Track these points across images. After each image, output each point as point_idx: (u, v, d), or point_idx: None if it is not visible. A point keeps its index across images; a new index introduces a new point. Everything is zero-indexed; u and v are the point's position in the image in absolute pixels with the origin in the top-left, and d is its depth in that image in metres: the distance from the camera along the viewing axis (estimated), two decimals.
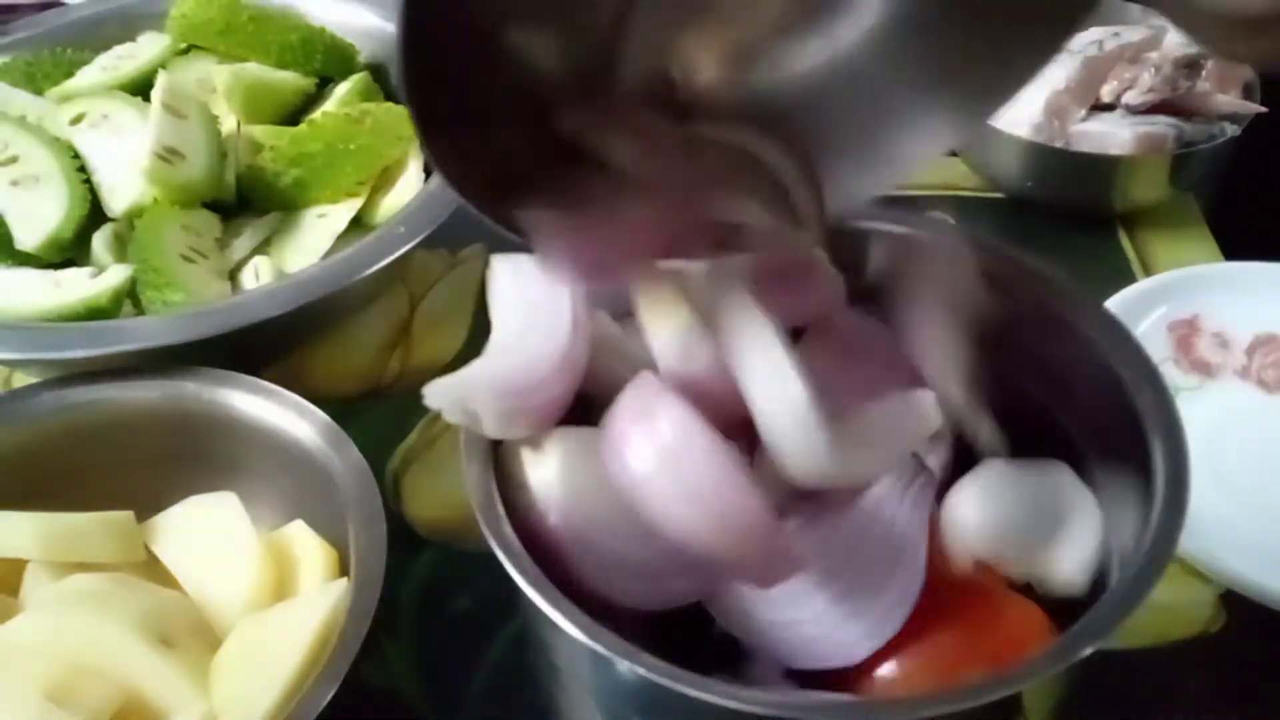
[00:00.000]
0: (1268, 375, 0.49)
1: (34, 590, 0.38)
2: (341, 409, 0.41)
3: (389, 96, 0.59)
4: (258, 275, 0.50)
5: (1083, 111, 0.57)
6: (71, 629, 0.35)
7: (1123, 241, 0.58)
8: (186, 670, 0.35)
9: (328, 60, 0.58)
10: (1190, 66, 0.56)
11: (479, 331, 0.54)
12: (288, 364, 0.50)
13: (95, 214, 0.51)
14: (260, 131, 0.55)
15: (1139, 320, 0.50)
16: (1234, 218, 0.59)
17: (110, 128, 0.53)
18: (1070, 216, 0.59)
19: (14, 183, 0.50)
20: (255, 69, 0.57)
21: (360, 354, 0.53)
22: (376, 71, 0.60)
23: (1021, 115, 0.56)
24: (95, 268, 0.48)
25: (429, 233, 0.47)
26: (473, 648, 0.41)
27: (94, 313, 0.46)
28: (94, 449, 0.42)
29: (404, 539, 0.45)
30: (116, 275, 0.47)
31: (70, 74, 0.57)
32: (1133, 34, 0.58)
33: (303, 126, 0.52)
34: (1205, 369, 0.49)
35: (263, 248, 0.52)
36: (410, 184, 0.52)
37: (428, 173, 0.52)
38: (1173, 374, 0.49)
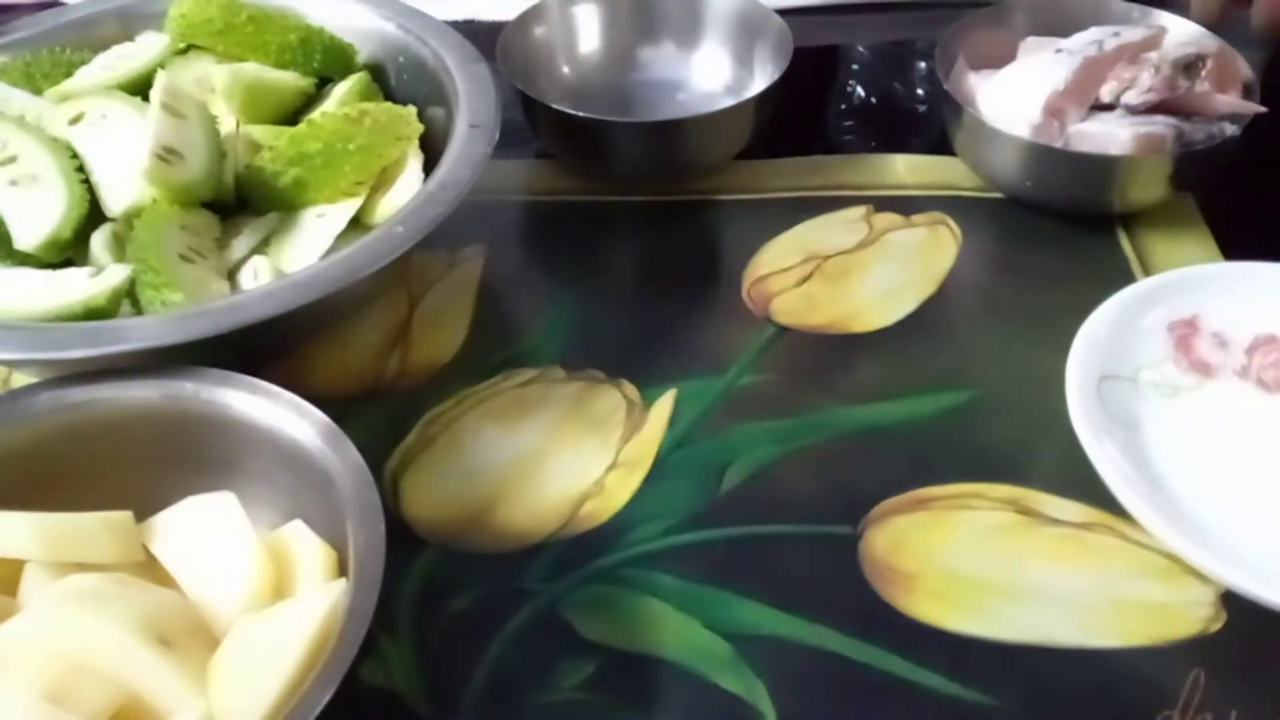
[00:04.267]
0: (1267, 375, 0.49)
1: (32, 590, 0.38)
2: (340, 409, 0.41)
3: (388, 96, 0.59)
4: (256, 275, 0.50)
5: (1082, 112, 0.57)
6: (70, 629, 0.35)
7: (1122, 241, 0.58)
8: (185, 670, 0.35)
9: (326, 60, 0.58)
10: (1189, 67, 0.56)
11: (477, 331, 0.55)
12: (286, 364, 0.51)
13: (94, 214, 0.51)
14: (259, 131, 0.55)
15: (1139, 319, 0.50)
16: (1234, 217, 0.59)
17: (109, 128, 0.53)
18: (1070, 216, 0.59)
19: (13, 182, 0.50)
20: (254, 69, 0.57)
21: (359, 354, 0.53)
22: (375, 71, 0.60)
23: (1021, 115, 0.56)
24: (94, 268, 0.48)
25: (428, 233, 0.47)
26: (471, 648, 0.42)
27: (93, 313, 0.46)
28: (92, 449, 0.42)
29: (403, 539, 0.45)
30: (115, 275, 0.47)
31: (69, 73, 0.57)
32: (1132, 34, 0.58)
33: (301, 126, 0.52)
34: (1205, 369, 0.49)
35: (261, 248, 0.52)
36: (409, 184, 0.52)
37: (426, 173, 0.52)
38: (1172, 374, 0.49)
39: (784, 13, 0.65)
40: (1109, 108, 0.57)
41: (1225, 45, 0.59)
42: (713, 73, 0.68)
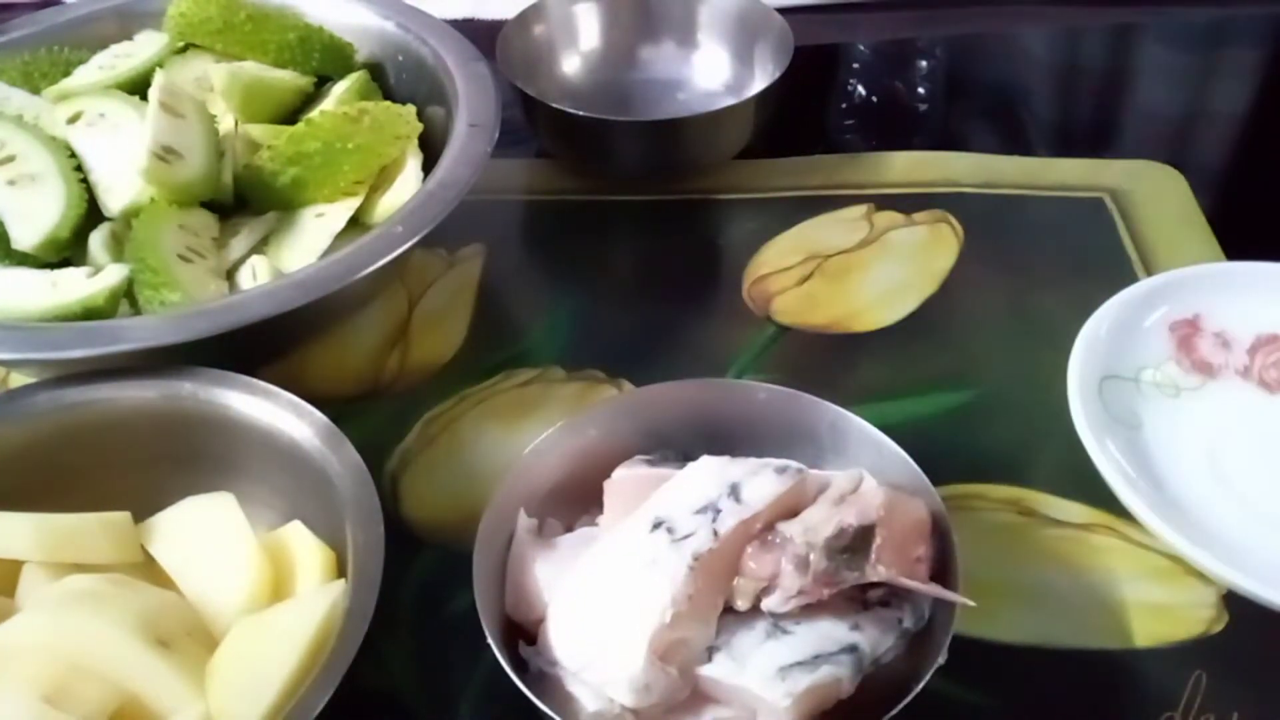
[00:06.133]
0: (1269, 375, 0.49)
1: (31, 591, 0.38)
2: (339, 409, 0.41)
3: (387, 95, 0.59)
4: (255, 275, 0.50)
5: (710, 633, 0.36)
6: (68, 630, 0.35)
7: (1124, 240, 0.58)
8: (183, 671, 0.35)
9: (325, 59, 0.58)
10: (853, 549, 0.36)
11: (477, 331, 0.54)
12: (285, 364, 0.50)
13: (92, 213, 0.51)
14: (258, 130, 0.55)
15: (1141, 319, 0.50)
16: (1236, 217, 0.59)
17: (107, 127, 0.52)
18: (1071, 212, 0.58)
19: (11, 182, 0.50)
20: (253, 68, 0.57)
21: (358, 354, 0.53)
22: (374, 70, 0.60)
23: (613, 668, 0.34)
24: (92, 267, 0.48)
25: (427, 232, 0.47)
26: (470, 648, 0.41)
27: (91, 312, 0.46)
28: (91, 449, 0.42)
29: (402, 540, 0.45)
30: (113, 275, 0.47)
31: (67, 73, 0.57)
32: (757, 491, 0.36)
33: (300, 125, 0.52)
34: (1207, 369, 0.49)
35: (260, 247, 0.52)
36: (408, 183, 0.52)
37: (426, 172, 0.52)
38: (1174, 374, 0.49)
39: (784, 11, 0.65)
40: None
41: (898, 496, 0.37)
42: (713, 72, 0.68)
